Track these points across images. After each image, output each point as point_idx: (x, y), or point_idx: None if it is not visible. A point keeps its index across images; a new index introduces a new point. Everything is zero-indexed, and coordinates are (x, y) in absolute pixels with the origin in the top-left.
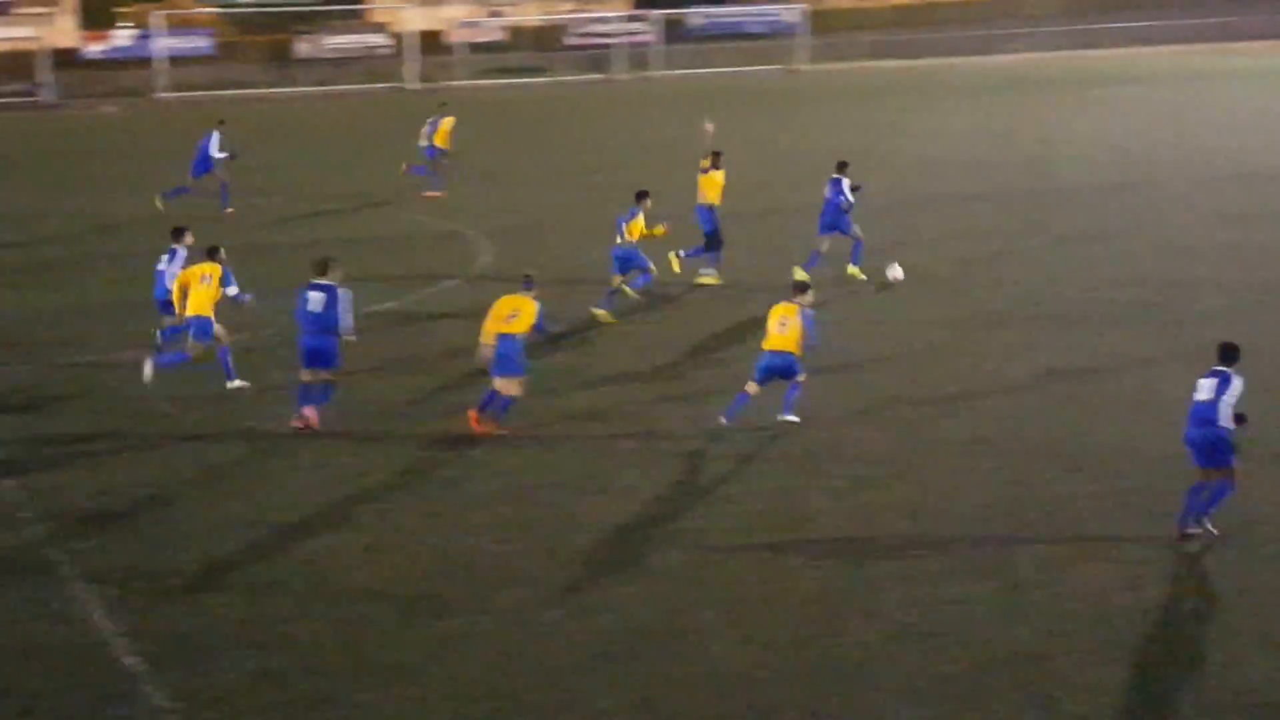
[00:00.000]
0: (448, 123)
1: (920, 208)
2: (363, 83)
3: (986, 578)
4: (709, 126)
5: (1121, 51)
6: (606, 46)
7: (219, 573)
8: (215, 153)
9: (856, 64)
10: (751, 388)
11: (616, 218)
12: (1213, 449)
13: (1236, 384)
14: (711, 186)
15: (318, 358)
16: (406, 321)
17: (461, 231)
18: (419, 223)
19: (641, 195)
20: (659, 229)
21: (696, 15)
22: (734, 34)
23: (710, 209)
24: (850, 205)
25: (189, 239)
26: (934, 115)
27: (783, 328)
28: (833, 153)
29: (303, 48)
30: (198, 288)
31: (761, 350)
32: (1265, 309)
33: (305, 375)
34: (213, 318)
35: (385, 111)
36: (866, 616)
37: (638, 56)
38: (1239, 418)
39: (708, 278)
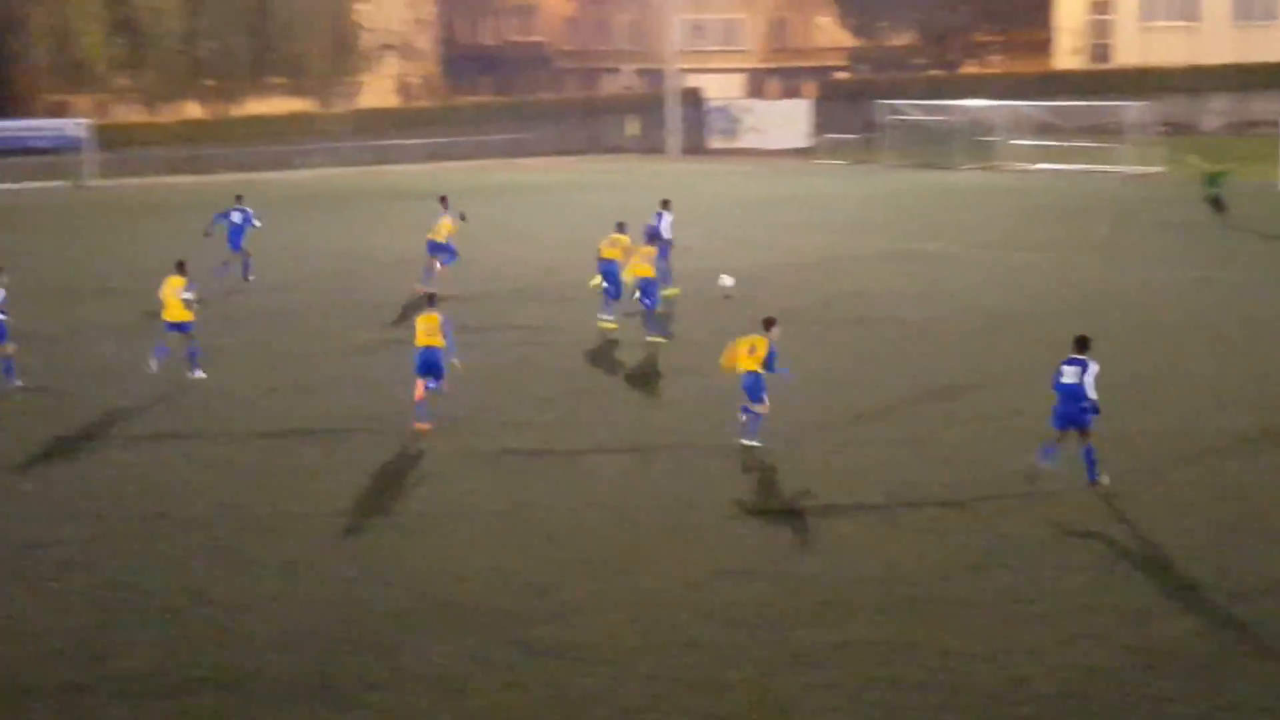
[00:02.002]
0: (444, 219)
1: (223, 321)
2: None
3: None
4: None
5: (417, 168)
6: None
7: None
8: (255, 222)
9: (150, 179)
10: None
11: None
12: (1080, 415)
13: (1094, 367)
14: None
15: None
16: None
17: None
18: None
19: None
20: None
21: None
22: (16, 149)
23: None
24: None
25: (5, 279)
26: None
27: (752, 353)
28: (132, 263)
29: None
30: (174, 299)
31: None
32: (569, 418)
33: None
34: (192, 320)
35: None
36: None
37: None
38: (1094, 406)
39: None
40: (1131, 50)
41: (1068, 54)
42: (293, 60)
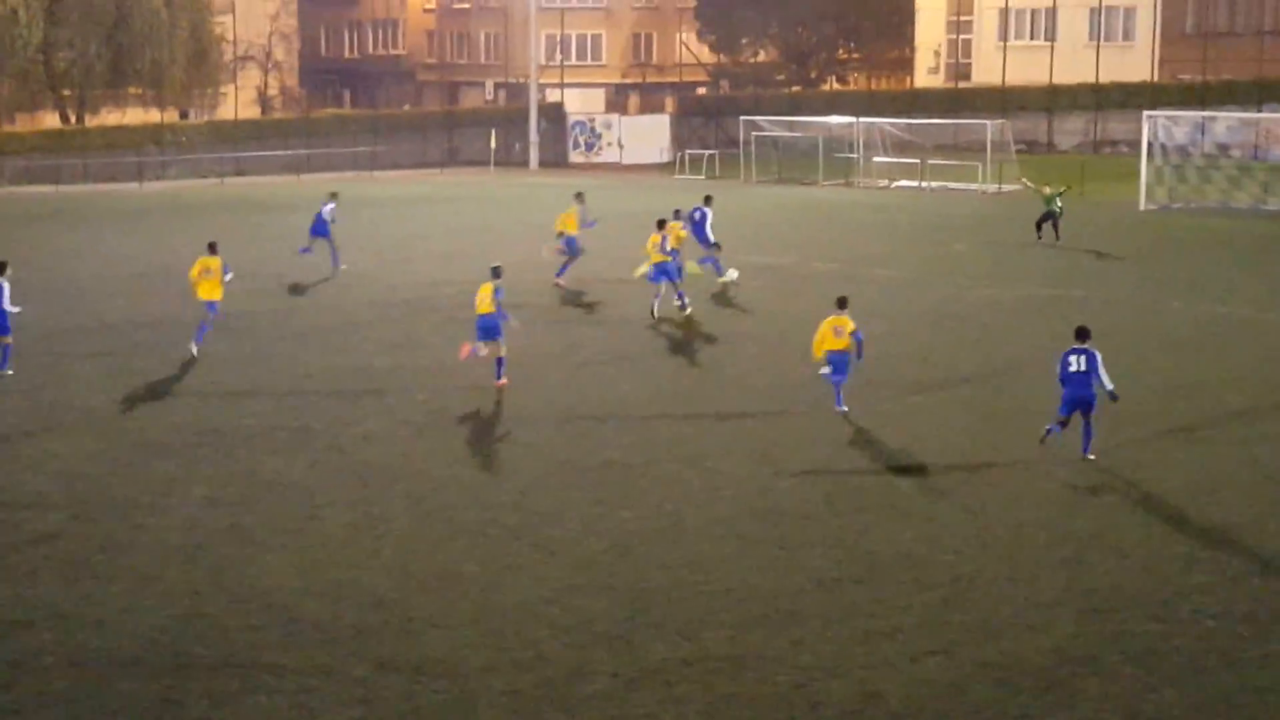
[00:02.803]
0: (574, 211)
1: (77, 333)
2: None
3: None
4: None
5: (274, 179)
6: None
7: None
8: (329, 219)
9: (4, 189)
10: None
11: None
12: (1088, 402)
13: (1099, 356)
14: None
15: None
16: None
17: None
18: None
19: (662, 222)
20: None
21: None
22: None
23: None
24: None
25: (9, 271)
26: (88, 239)
27: (838, 334)
28: None
29: None
30: (207, 279)
31: (826, 352)
32: (423, 432)
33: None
34: (220, 299)
35: None
36: None
37: None
38: (1112, 395)
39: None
40: (990, 69)
41: (927, 72)
42: (151, 71)
